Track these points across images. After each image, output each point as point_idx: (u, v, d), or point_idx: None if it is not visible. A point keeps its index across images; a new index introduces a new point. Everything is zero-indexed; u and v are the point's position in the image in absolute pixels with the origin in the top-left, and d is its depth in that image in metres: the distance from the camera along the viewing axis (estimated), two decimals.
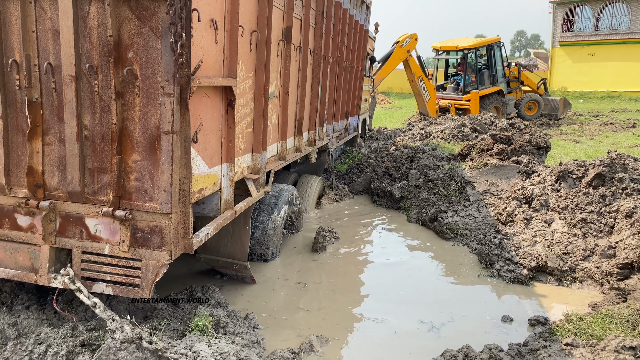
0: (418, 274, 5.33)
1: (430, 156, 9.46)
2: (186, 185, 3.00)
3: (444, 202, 7.07)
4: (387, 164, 9.27)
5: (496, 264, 5.38)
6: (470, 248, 6.07)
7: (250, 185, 4.32)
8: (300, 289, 4.80)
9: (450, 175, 7.81)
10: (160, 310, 3.74)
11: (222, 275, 4.93)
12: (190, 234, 3.10)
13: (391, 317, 4.28)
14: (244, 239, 4.49)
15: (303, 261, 5.52)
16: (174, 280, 4.74)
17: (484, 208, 6.77)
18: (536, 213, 6.16)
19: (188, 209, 3.04)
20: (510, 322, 4.26)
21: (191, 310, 3.83)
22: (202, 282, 4.56)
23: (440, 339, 3.93)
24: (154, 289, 3.88)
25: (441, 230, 6.51)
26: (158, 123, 2.90)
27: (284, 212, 5.36)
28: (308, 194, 7.34)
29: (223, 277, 4.92)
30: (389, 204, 7.93)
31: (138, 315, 3.67)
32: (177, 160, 2.95)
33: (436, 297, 4.73)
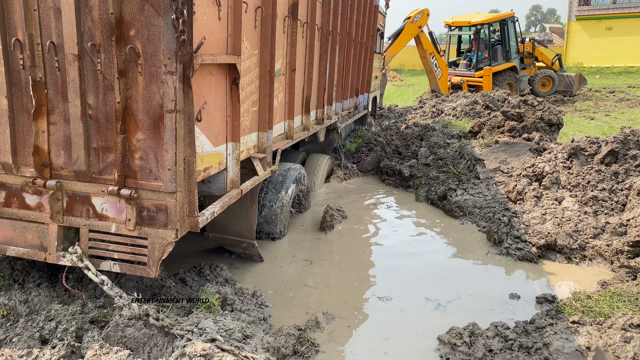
0: (426, 252, 5.33)
1: (441, 134, 9.38)
2: (190, 164, 3.01)
3: (453, 181, 7.03)
4: (396, 143, 9.20)
5: (505, 241, 5.36)
6: (479, 226, 6.05)
7: (257, 164, 4.32)
8: (307, 267, 4.83)
9: (460, 153, 7.74)
10: (168, 288, 3.79)
11: (231, 254, 4.97)
12: (196, 212, 3.11)
13: (398, 295, 4.30)
14: (251, 218, 4.51)
15: (311, 239, 5.54)
16: (183, 258, 4.79)
17: (494, 186, 6.72)
18: (547, 191, 6.10)
19: (193, 188, 3.05)
20: (518, 299, 4.26)
21: (199, 287, 3.87)
22: (210, 260, 4.60)
23: (447, 317, 3.94)
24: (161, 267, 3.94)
25: (450, 208, 6.48)
26: (161, 102, 2.89)
27: (292, 190, 5.36)
28: (316, 173, 7.33)
29: (231, 255, 4.96)
30: (398, 183, 7.90)
31: (146, 293, 3.73)
32: (181, 139, 2.94)
33: (443, 275, 4.73)
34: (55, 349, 2.79)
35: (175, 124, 2.88)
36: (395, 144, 9.16)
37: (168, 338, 2.92)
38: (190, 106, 2.94)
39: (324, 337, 3.59)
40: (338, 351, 3.43)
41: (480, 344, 3.34)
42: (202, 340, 2.78)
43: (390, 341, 3.56)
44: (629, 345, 3.01)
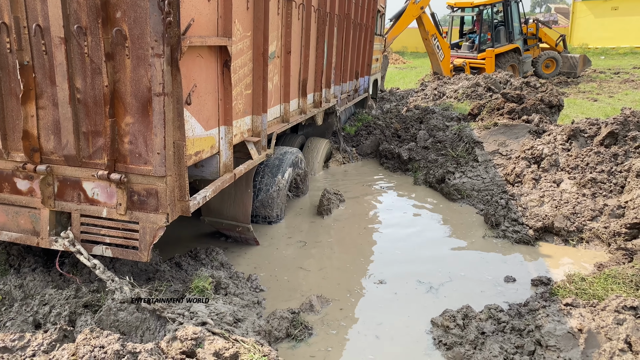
0: (421, 235, 5.33)
1: (440, 117, 9.30)
2: (180, 148, 2.98)
3: (451, 163, 6.99)
4: (396, 126, 9.15)
5: (502, 224, 5.34)
6: (477, 209, 6.04)
7: (251, 148, 4.30)
8: (303, 250, 4.84)
9: (459, 136, 7.69)
10: (163, 272, 3.80)
11: (227, 238, 4.98)
12: (187, 196, 3.10)
13: (391, 278, 4.31)
14: (246, 202, 4.51)
15: (308, 223, 5.55)
16: (179, 242, 4.81)
17: (492, 169, 6.68)
18: (545, 173, 6.06)
19: (183, 172, 3.04)
20: (513, 282, 4.26)
21: (194, 272, 3.88)
22: (206, 244, 4.61)
23: (440, 300, 3.95)
24: (155, 251, 3.95)
25: (448, 191, 6.47)
26: (149, 85, 2.86)
27: (288, 174, 5.35)
28: (315, 157, 7.30)
29: (228, 239, 4.97)
30: (396, 166, 7.88)
31: (141, 277, 3.74)
32: (170, 122, 2.92)
33: (438, 258, 4.74)
34: (48, 333, 2.81)
35: (163, 107, 2.85)
36: (395, 127, 9.10)
37: (160, 322, 2.93)
38: (179, 89, 2.91)
39: (318, 320, 3.60)
40: (330, 334, 3.44)
41: (473, 327, 3.35)
42: (193, 323, 2.79)
43: (383, 326, 3.57)
44: (621, 327, 3.01)
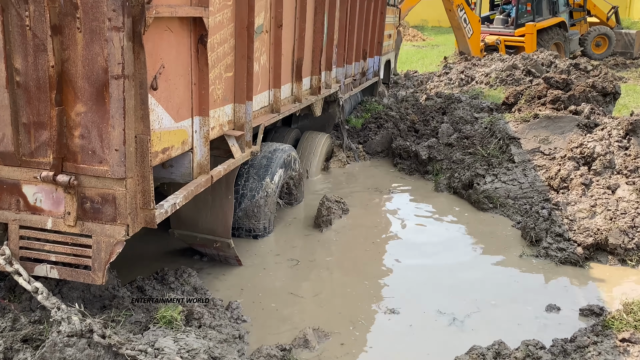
0: (444, 253, 5.34)
1: (468, 106, 9.32)
2: (144, 143, 2.99)
3: (481, 164, 7.00)
4: (413, 118, 9.16)
5: (544, 240, 5.35)
6: (512, 221, 6.06)
7: (232, 143, 4.30)
8: (295, 271, 4.84)
9: (490, 130, 7.70)
10: (122, 299, 3.79)
11: (202, 256, 4.98)
12: (152, 204, 3.10)
13: (405, 306, 4.31)
14: (226, 211, 4.51)
15: (302, 238, 5.55)
16: (142, 261, 4.80)
17: (532, 171, 6.70)
18: (597, 177, 6.07)
19: (147, 173, 3.04)
20: (557, 311, 4.27)
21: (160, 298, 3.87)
22: (176, 264, 4.60)
23: (465, 334, 3.95)
24: (112, 273, 3.94)
25: (477, 199, 6.48)
26: (106, 65, 2.86)
27: (279, 177, 5.35)
28: (312, 156, 7.32)
29: (203, 258, 4.97)
30: (413, 168, 7.88)
31: (95, 305, 3.73)
32: (131, 111, 2.92)
33: (462, 281, 4.75)
34: None
35: (123, 92, 2.85)
36: (412, 120, 9.11)
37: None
38: (143, 71, 2.91)
39: (314, 359, 3.59)
40: None
41: None
42: None
43: None
44: None
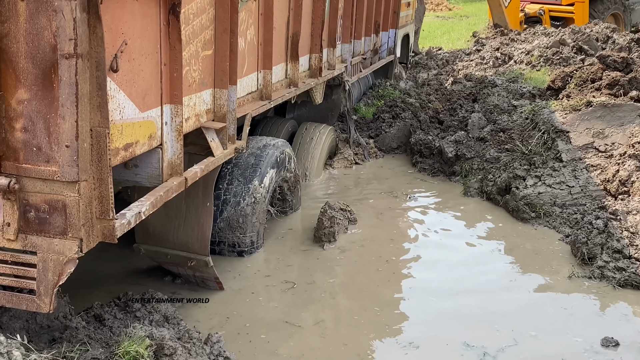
0: (473, 274, 5.34)
1: (504, 92, 9.32)
2: (101, 138, 2.99)
3: (521, 164, 7.01)
4: (436, 106, 9.16)
5: (599, 258, 5.36)
6: (559, 234, 6.07)
7: (212, 138, 4.31)
8: (291, 296, 4.85)
9: (532, 122, 7.71)
10: (75, 330, 3.80)
11: (175, 277, 4.99)
12: (111, 213, 3.10)
13: (426, 339, 4.31)
14: (203, 222, 4.52)
15: (299, 254, 5.56)
16: (99, 284, 4.81)
17: (584, 172, 6.70)
18: None
19: (106, 175, 3.04)
20: (615, 346, 4.27)
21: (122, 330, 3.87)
22: (142, 288, 4.60)
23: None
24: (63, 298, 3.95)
25: (516, 206, 6.48)
26: (54, 42, 2.86)
27: (270, 179, 5.36)
28: (311, 153, 7.32)
29: (175, 280, 4.98)
30: (437, 168, 7.88)
31: (41, 337, 3.74)
32: (86, 99, 2.92)
33: (496, 309, 4.75)
34: None
35: (75, 75, 2.85)
36: (435, 108, 9.12)
37: None
38: (100, 48, 2.91)
39: None
40: None
41: None
42: None
43: None
44: None
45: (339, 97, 7.87)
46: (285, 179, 5.96)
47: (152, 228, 4.59)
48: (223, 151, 4.40)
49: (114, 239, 3.13)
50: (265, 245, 5.59)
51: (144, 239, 4.67)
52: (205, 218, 4.51)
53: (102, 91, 2.97)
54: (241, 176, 5.21)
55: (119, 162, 3.32)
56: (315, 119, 7.92)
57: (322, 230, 5.78)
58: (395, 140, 8.69)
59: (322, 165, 7.62)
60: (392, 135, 8.71)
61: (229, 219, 5.16)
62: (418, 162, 8.09)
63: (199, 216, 4.51)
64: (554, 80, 9.18)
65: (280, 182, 5.92)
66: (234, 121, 4.53)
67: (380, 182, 7.60)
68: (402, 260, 5.58)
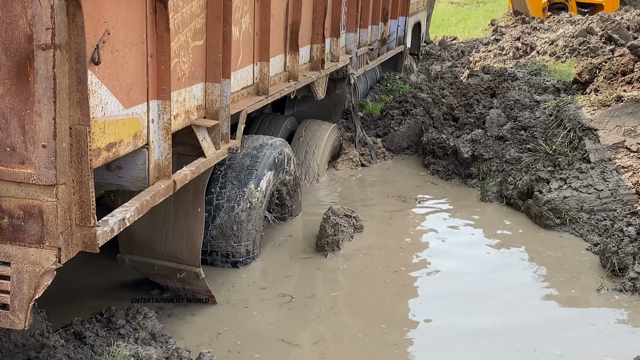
0: (492, 288, 5.34)
1: (526, 86, 9.30)
2: (81, 137, 2.98)
3: (545, 165, 6.99)
4: (450, 101, 9.15)
5: (630, 269, 5.36)
6: (587, 243, 6.07)
7: (203, 137, 4.31)
8: (288, 311, 4.85)
9: (557, 119, 7.70)
10: (53, 349, 3.80)
11: (162, 290, 4.99)
12: (92, 219, 3.09)
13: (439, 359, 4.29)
14: (193, 229, 4.51)
15: (299, 265, 5.56)
16: (80, 298, 4.81)
17: (614, 174, 6.69)
18: None
19: (86, 178, 3.03)
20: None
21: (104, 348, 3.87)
22: (127, 302, 4.62)
23: None
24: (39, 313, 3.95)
25: (539, 212, 6.48)
26: (30, 31, 2.86)
27: (267, 183, 5.37)
28: (313, 154, 7.32)
29: (163, 293, 4.97)
30: (451, 170, 7.89)
31: (16, 357, 3.74)
32: (64, 94, 2.92)
33: (517, 325, 4.74)
34: None
35: (53, 68, 2.85)
36: (449, 104, 9.11)
37: None
38: (81, 39, 2.91)
39: None
40: None
41: None
42: None
43: None
44: None
45: (343, 92, 7.86)
46: (284, 182, 5.96)
47: (137, 236, 4.59)
48: (215, 151, 4.39)
49: (96, 248, 3.12)
50: (262, 254, 5.59)
51: (129, 248, 4.67)
52: (196, 225, 4.50)
53: (82, 85, 2.97)
54: (235, 179, 5.20)
55: (101, 164, 3.32)
56: (317, 115, 7.91)
57: (325, 239, 5.77)
58: (406, 139, 8.68)
59: (324, 167, 7.61)
60: (402, 133, 8.71)
61: (222, 226, 5.16)
62: (430, 163, 8.08)
63: (189, 223, 4.50)
64: (581, 73, 9.16)
65: (279, 185, 5.92)
66: (227, 118, 4.52)
67: (389, 185, 7.59)
68: (412, 271, 5.57)
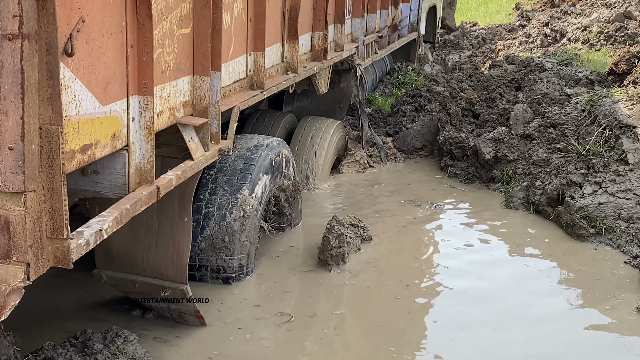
0: (515, 305, 5.33)
1: (555, 78, 9.29)
2: (53, 138, 2.99)
3: (577, 167, 6.98)
4: (470, 95, 9.15)
5: None
6: (625, 255, 6.07)
7: (190, 137, 4.31)
8: (287, 332, 4.84)
9: (590, 115, 7.70)
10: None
11: (145, 311, 4.98)
12: (65, 231, 3.10)
13: None
14: (180, 241, 4.51)
15: (299, 279, 5.58)
16: (52, 319, 4.80)
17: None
18: None
19: (59, 184, 3.04)
20: None
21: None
22: (104, 324, 4.60)
23: None
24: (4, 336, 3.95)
25: (571, 220, 6.47)
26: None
27: (263, 188, 5.38)
28: (314, 155, 7.32)
29: (146, 314, 4.97)
30: (471, 173, 7.89)
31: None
32: (34, 89, 2.93)
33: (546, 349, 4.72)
34: None
35: (21, 61, 2.86)
36: (469, 98, 9.11)
37: None
38: (52, 27, 2.93)
39: None
40: None
41: None
42: None
43: None
44: None
45: (349, 85, 7.87)
46: (281, 187, 5.96)
47: (116, 250, 4.58)
48: (204, 153, 4.39)
49: (69, 264, 3.12)
50: (257, 268, 5.59)
51: (107, 263, 4.65)
52: (183, 237, 4.49)
53: (53, 80, 2.97)
54: (227, 184, 5.20)
55: (75, 168, 3.31)
56: (319, 112, 7.92)
57: (329, 252, 5.76)
58: (419, 138, 8.68)
59: (328, 170, 7.62)
60: (415, 132, 8.71)
61: (213, 238, 5.16)
62: (448, 165, 8.09)
63: (175, 234, 4.49)
64: (617, 63, 9.16)
65: (276, 191, 5.92)
66: (217, 116, 4.53)
67: (401, 190, 7.60)
68: (426, 286, 5.57)
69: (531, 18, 15.08)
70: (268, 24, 5.39)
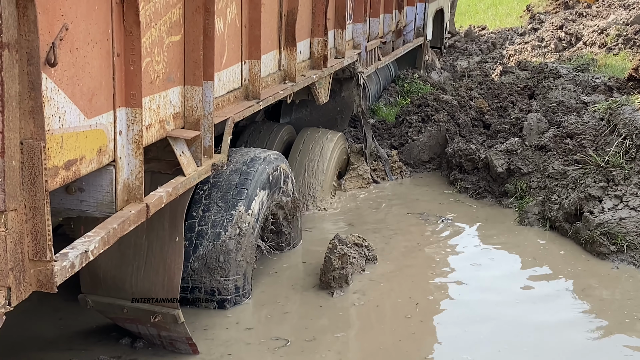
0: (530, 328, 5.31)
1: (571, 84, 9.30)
2: (35, 153, 2.99)
3: (596, 180, 6.98)
4: (480, 104, 9.17)
5: None
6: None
7: (182, 151, 4.31)
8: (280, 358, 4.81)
9: (609, 123, 7.70)
10: None
11: (134, 339, 4.97)
12: (49, 252, 3.10)
13: None
14: (171, 263, 4.50)
15: (299, 302, 5.57)
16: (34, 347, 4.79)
17: None
18: None
19: (41, 203, 3.04)
20: None
21: None
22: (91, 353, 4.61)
23: None
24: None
25: (590, 237, 6.46)
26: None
27: (260, 205, 5.38)
28: (315, 169, 7.32)
29: (135, 342, 4.95)
30: (483, 187, 7.90)
31: None
32: (14, 102, 2.93)
33: None
34: None
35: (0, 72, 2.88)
36: (479, 107, 9.13)
37: None
38: (33, 36, 2.94)
39: None
40: None
41: None
42: None
43: None
44: None
45: (351, 95, 7.88)
46: (280, 204, 5.96)
47: (103, 273, 4.57)
48: (196, 168, 4.39)
49: (53, 288, 3.12)
50: (255, 291, 5.58)
51: (93, 287, 4.64)
52: (174, 258, 4.48)
53: (35, 92, 2.98)
54: (222, 200, 5.20)
55: (59, 185, 3.32)
56: (319, 123, 7.93)
57: (331, 273, 5.75)
58: (427, 150, 8.69)
59: (329, 186, 7.62)
60: (422, 144, 8.71)
61: (206, 257, 5.15)
62: (457, 179, 8.09)
63: (165, 256, 4.49)
64: (638, 68, 9.17)
65: (274, 208, 5.92)
66: (210, 128, 4.53)
67: (407, 206, 7.60)
68: (435, 310, 5.56)
69: (544, 21, 15.12)
70: (264, 30, 5.40)
